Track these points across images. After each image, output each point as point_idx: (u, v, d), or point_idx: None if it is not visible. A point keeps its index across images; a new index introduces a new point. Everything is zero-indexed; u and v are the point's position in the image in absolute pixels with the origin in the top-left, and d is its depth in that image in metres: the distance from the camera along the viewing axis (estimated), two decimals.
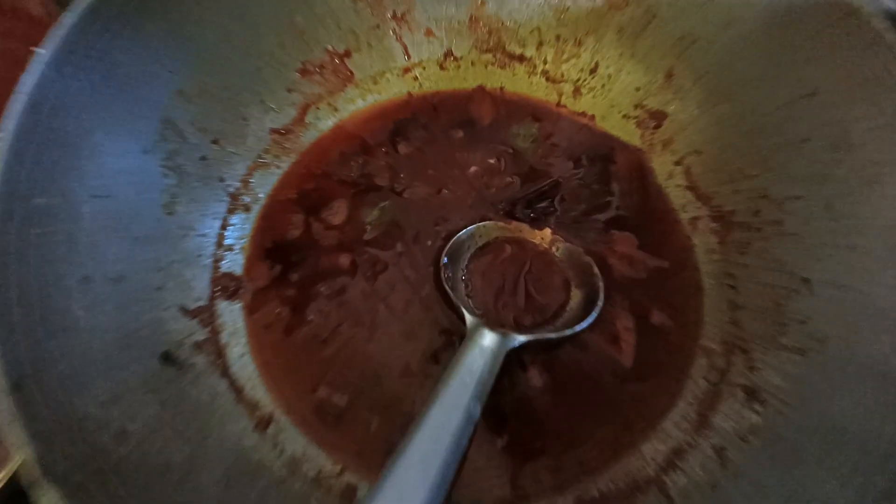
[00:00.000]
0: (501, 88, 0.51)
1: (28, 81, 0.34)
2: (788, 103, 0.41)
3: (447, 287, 0.41)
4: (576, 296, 0.43)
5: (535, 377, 0.41)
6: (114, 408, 0.32)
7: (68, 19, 0.36)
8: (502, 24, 0.50)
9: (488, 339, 0.37)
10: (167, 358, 0.37)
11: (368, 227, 0.45)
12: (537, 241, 0.45)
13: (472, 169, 0.48)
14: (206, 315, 0.41)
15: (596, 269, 0.43)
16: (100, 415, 0.31)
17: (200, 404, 0.37)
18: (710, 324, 0.42)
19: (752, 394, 0.38)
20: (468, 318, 0.39)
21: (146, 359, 0.36)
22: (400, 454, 0.31)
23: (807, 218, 0.40)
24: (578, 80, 0.50)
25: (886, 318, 0.34)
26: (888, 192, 0.36)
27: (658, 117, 0.48)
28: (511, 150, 0.48)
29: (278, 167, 0.47)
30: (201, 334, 0.40)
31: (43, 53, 0.34)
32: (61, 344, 0.31)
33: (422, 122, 0.49)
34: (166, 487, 0.31)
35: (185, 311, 0.40)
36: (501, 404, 0.39)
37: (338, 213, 0.46)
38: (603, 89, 0.50)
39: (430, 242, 0.45)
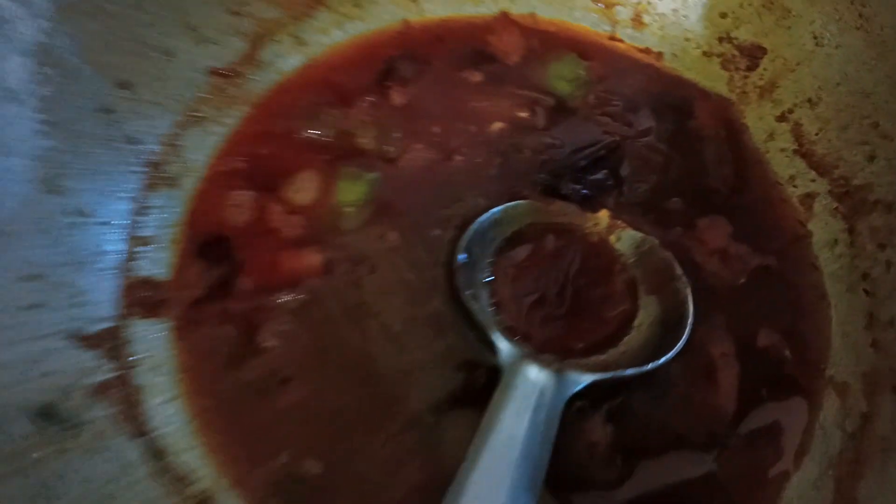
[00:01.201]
0: (533, 14, 0.40)
1: None
2: None
3: (464, 298, 0.31)
4: (649, 305, 0.33)
5: (596, 430, 0.30)
6: None
7: None
8: None
9: (536, 380, 0.27)
10: (46, 415, 0.27)
11: (349, 210, 0.34)
12: (590, 227, 0.35)
13: (496, 125, 0.37)
14: (110, 343, 0.30)
15: (678, 269, 0.32)
16: None
17: (95, 482, 0.26)
18: (841, 347, 0.33)
19: None
20: (503, 347, 0.29)
21: (11, 420, 0.25)
22: None
23: None
24: (639, 3, 0.40)
25: None
26: None
27: (753, 54, 0.38)
28: (550, 99, 0.38)
29: (220, 124, 0.36)
30: (104, 372, 0.29)
31: None
32: None
33: (423, 59, 0.38)
34: None
35: (78, 339, 0.29)
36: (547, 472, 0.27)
37: (304, 189, 0.35)
38: (675, 15, 0.40)
39: (437, 232, 0.34)
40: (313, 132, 0.36)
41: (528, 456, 0.24)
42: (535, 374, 0.27)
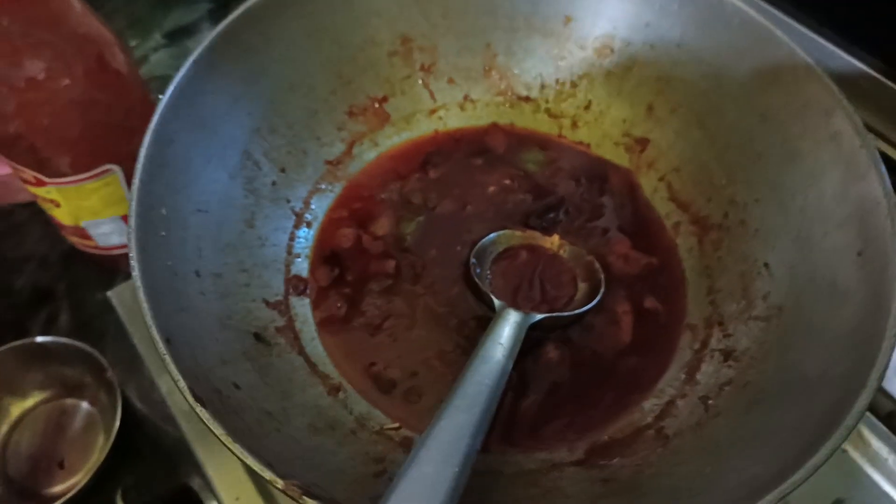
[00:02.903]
0: (512, 124, 0.61)
1: (154, 121, 0.44)
2: (746, 126, 0.51)
3: (477, 280, 0.51)
4: (582, 288, 0.52)
5: (551, 351, 0.49)
6: (226, 367, 0.41)
7: (179, 76, 0.46)
8: (511, 71, 0.60)
9: (514, 315, 0.46)
10: (258, 337, 0.46)
11: (408, 237, 0.55)
12: (548, 245, 0.54)
13: (491, 189, 0.57)
14: (282, 307, 0.50)
15: (598, 266, 0.52)
16: (218, 371, 0.40)
17: (284, 373, 0.46)
18: (692, 306, 0.52)
19: (727, 355, 0.47)
20: (496, 302, 0.48)
21: (243, 337, 0.45)
22: (451, 397, 0.39)
23: (764, 216, 0.50)
24: (575, 115, 0.61)
25: (824, 284, 0.43)
26: (823, 192, 0.46)
27: (642, 143, 0.58)
28: (522, 173, 0.58)
29: (332, 191, 0.57)
30: (280, 321, 0.49)
31: (164, 101, 0.45)
32: (187, 318, 0.40)
33: (446, 152, 0.60)
34: (270, 428, 0.40)
35: (268, 304, 0.49)
36: (526, 374, 0.48)
37: (382, 226, 0.55)
38: (596, 122, 0.60)
39: (458, 248, 0.54)
40: (385, 195, 0.56)
41: (510, 345, 0.42)
42: (513, 313, 0.45)
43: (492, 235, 0.54)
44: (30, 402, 0.58)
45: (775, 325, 0.46)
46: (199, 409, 0.34)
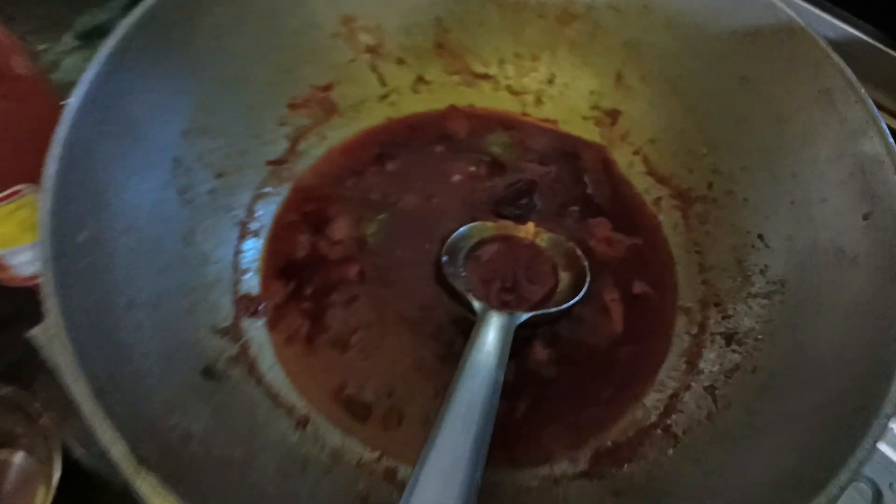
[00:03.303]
0: (471, 105, 0.56)
1: (61, 132, 0.37)
2: (726, 90, 0.48)
3: (451, 280, 0.46)
4: (564, 278, 0.48)
5: (539, 351, 0.45)
6: (174, 414, 0.35)
7: (88, 75, 0.39)
8: (465, 47, 0.55)
9: (497, 318, 0.42)
10: (208, 373, 0.40)
11: (370, 239, 0.49)
12: (523, 234, 0.50)
13: (456, 177, 0.53)
14: (234, 333, 0.44)
15: (579, 252, 0.48)
16: (165, 419, 0.34)
17: (243, 410, 0.40)
18: (684, 287, 0.48)
19: (729, 338, 0.43)
20: (476, 304, 0.44)
21: (191, 373, 0.39)
22: (442, 420, 0.34)
23: (754, 183, 0.46)
24: (538, 90, 0.56)
25: (827, 253, 0.40)
26: (817, 154, 0.43)
27: (613, 115, 0.54)
28: (488, 158, 0.54)
29: (278, 194, 0.51)
30: (233, 350, 0.43)
31: (72, 106, 0.38)
32: (122, 360, 0.34)
33: (403, 141, 0.54)
34: (233, 479, 0.34)
35: (216, 331, 0.43)
36: (515, 378, 0.44)
37: (339, 228, 0.50)
38: (561, 96, 0.56)
39: (427, 246, 0.49)
40: (339, 193, 0.50)
41: (498, 353, 0.39)
42: (496, 316, 0.41)
43: (462, 229, 0.49)
44: None
45: (779, 301, 0.42)
46: (144, 476, 0.28)
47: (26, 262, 0.52)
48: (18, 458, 0.51)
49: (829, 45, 0.42)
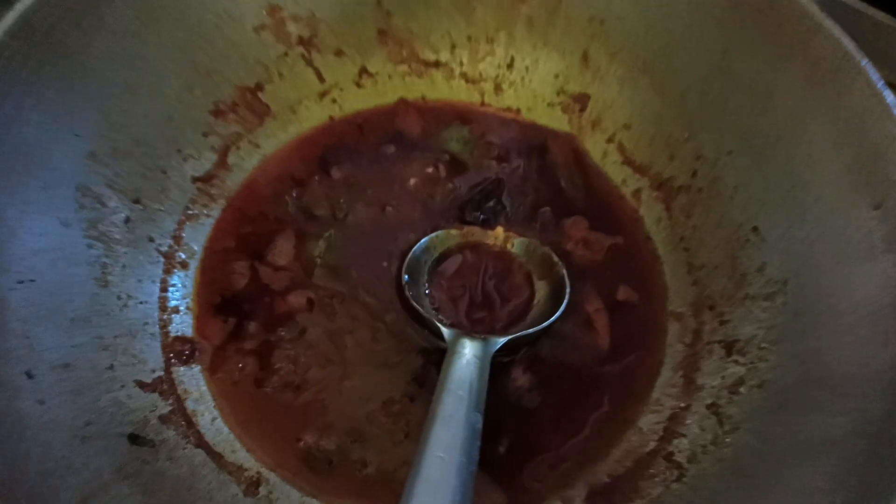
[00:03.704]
0: (423, 97, 0.50)
1: None
2: (704, 66, 0.43)
3: (415, 304, 0.40)
4: (541, 288, 0.44)
5: (519, 377, 0.40)
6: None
7: None
8: (411, 33, 0.49)
9: (470, 347, 0.37)
10: (135, 439, 0.34)
11: (318, 260, 0.44)
12: (491, 241, 0.45)
13: (412, 181, 0.47)
14: (165, 385, 0.38)
15: (555, 258, 0.43)
16: None
17: (183, 480, 0.35)
18: (674, 289, 0.44)
19: (730, 347, 0.39)
20: (445, 331, 0.38)
21: (113, 444, 0.34)
22: (413, 483, 0.29)
23: (742, 170, 0.42)
24: (497, 76, 0.50)
25: (834, 247, 0.36)
26: (812, 135, 0.38)
27: (581, 100, 0.49)
28: (447, 156, 0.48)
29: (209, 216, 0.45)
30: (165, 407, 0.37)
31: None
32: (25, 446, 0.28)
33: (349, 144, 0.48)
34: None
35: (143, 386, 0.37)
36: (493, 411, 0.38)
37: (282, 252, 0.44)
38: (523, 82, 0.50)
39: (385, 264, 0.44)
40: (280, 211, 0.44)
41: (474, 391, 0.34)
42: (469, 345, 0.36)
43: (423, 241, 0.44)
44: None
45: (781, 303, 0.38)
46: None
47: None
48: None
49: (822, 11, 0.37)
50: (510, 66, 0.50)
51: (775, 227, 0.40)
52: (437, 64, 0.50)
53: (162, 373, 0.38)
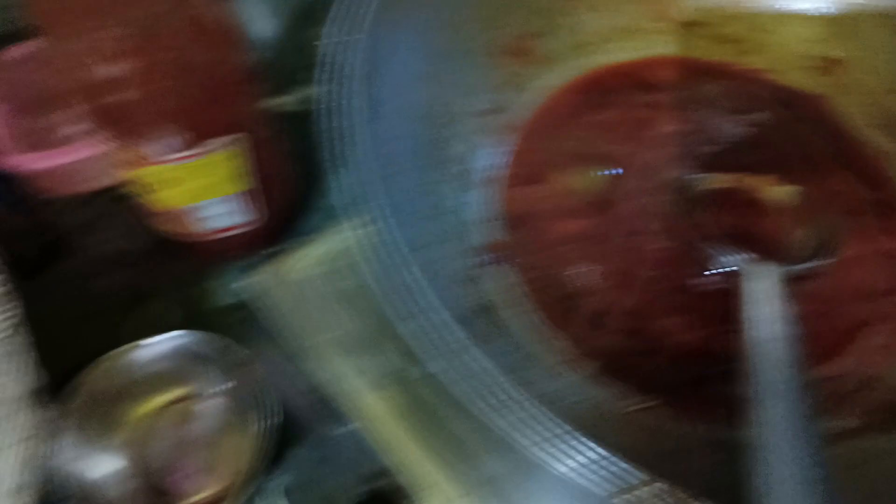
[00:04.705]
0: (680, 54, 0.53)
1: None
2: None
3: (693, 233, 0.43)
4: (805, 232, 0.45)
5: None
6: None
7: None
8: None
9: (768, 272, 0.39)
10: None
11: (592, 191, 0.47)
12: (756, 187, 0.47)
13: (668, 128, 0.50)
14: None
15: (823, 205, 0.45)
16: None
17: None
18: None
19: None
20: (737, 258, 0.41)
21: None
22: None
23: None
24: (749, 38, 0.53)
25: None
26: None
27: (835, 64, 0.51)
28: (700, 109, 0.51)
29: (489, 147, 0.49)
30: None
31: None
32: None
33: (611, 90, 0.52)
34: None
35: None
36: None
37: (556, 182, 0.48)
38: (775, 44, 0.53)
39: (651, 198, 0.47)
40: (554, 145, 0.49)
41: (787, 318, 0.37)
42: (765, 269, 0.38)
43: (691, 179, 0.46)
44: (158, 405, 0.49)
45: None
46: None
47: (218, 214, 0.51)
48: (219, 405, 0.49)
49: None
50: (763, 28, 0.52)
51: None
52: (693, 24, 0.53)
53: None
